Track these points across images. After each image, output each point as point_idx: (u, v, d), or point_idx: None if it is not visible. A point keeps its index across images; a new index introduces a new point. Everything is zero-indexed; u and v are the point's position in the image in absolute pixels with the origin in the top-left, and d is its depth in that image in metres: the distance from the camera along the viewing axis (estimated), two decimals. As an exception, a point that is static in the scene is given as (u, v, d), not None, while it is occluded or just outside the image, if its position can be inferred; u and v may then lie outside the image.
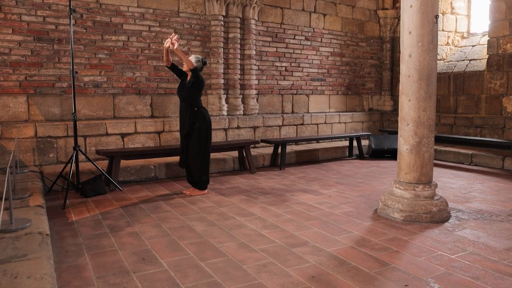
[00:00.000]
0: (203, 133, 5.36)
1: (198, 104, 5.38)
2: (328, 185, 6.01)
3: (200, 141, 5.36)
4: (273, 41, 8.63)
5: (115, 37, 6.91)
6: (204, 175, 5.48)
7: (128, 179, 6.20)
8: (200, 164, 5.41)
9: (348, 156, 8.64)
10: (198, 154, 5.38)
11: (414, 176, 4.32)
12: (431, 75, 4.22)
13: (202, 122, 5.35)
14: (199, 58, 5.40)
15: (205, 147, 5.41)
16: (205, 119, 5.38)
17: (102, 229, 4.02)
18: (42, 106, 6.42)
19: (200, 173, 5.44)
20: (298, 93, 9.16)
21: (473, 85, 8.66)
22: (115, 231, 3.98)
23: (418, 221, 4.20)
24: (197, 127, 5.33)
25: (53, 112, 6.50)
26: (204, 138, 5.38)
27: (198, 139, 5.35)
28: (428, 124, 4.27)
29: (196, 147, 5.36)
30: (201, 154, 5.40)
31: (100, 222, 4.25)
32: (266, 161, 7.52)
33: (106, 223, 4.21)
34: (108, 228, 4.06)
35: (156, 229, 4.03)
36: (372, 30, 10.27)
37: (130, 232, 3.94)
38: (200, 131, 5.34)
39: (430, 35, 4.16)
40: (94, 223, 4.23)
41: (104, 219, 4.37)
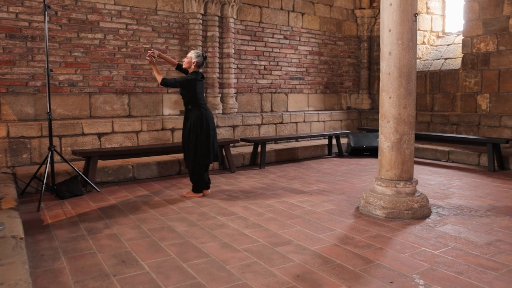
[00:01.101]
0: (193, 132, 5.17)
1: (192, 102, 5.19)
2: (309, 183, 6.00)
3: (190, 140, 5.20)
4: (252, 40, 8.58)
5: (91, 35, 6.75)
6: (195, 176, 5.28)
7: (105, 179, 6.06)
8: (192, 164, 5.25)
9: (327, 154, 8.66)
10: (189, 154, 5.25)
11: (395, 173, 4.34)
12: (411, 73, 4.25)
13: (193, 120, 5.16)
14: (199, 53, 5.21)
15: (195, 146, 5.19)
16: (198, 117, 5.15)
17: (79, 232, 3.90)
18: (14, 105, 6.22)
19: (191, 174, 5.30)
20: (277, 92, 9.14)
21: (448, 84, 8.81)
22: (93, 233, 3.86)
23: (400, 217, 4.21)
24: (189, 126, 5.19)
25: (27, 112, 6.31)
26: (194, 137, 5.17)
27: (188, 138, 5.21)
28: (408, 121, 4.30)
29: (189, 146, 5.23)
30: (192, 153, 5.22)
31: (77, 224, 4.12)
32: (246, 160, 7.47)
33: (83, 225, 4.09)
34: (85, 230, 3.93)
35: (136, 231, 3.93)
36: (350, 29, 10.33)
37: (108, 234, 3.83)
38: (190, 131, 5.18)
39: (409, 33, 4.18)
40: (70, 225, 4.10)
41: (81, 221, 4.24)
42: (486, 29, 8.06)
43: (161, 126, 7.26)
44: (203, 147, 5.16)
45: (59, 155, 5.50)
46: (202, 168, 5.23)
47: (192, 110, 5.18)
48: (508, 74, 7.76)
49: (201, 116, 5.14)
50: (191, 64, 5.15)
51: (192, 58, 5.15)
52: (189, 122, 5.16)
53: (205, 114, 5.18)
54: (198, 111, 5.15)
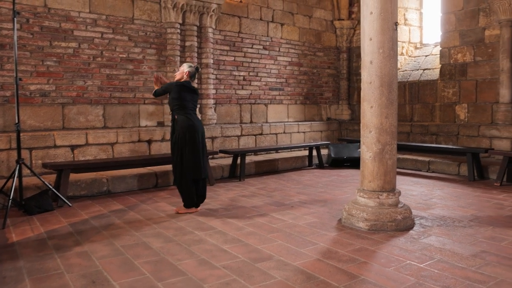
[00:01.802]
0: (178, 144, 4.94)
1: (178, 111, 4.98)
2: (290, 195, 5.86)
3: (175, 153, 4.98)
4: (231, 50, 8.47)
5: (65, 43, 6.54)
6: (183, 192, 5.02)
7: (78, 194, 5.81)
8: (179, 179, 5.01)
9: (308, 165, 8.56)
10: (175, 168, 5.04)
11: (378, 184, 4.24)
12: (392, 82, 4.18)
13: (179, 131, 4.94)
14: (192, 65, 5.15)
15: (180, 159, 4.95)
16: (183, 127, 4.92)
17: (47, 250, 3.66)
18: (-21, 116, 5.95)
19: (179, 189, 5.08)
20: (257, 103, 9.02)
21: (427, 94, 8.85)
22: (62, 251, 3.63)
23: (384, 229, 4.10)
24: (175, 137, 4.99)
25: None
26: (176, 148, 4.95)
27: (173, 151, 5.01)
28: (390, 131, 4.21)
29: (176, 159, 5.00)
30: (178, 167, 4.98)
31: (45, 242, 3.88)
32: (225, 172, 7.30)
33: (51, 243, 3.85)
34: (53, 248, 3.70)
35: (108, 248, 3.72)
36: (329, 40, 10.33)
37: (79, 252, 3.61)
38: (175, 143, 4.97)
39: (390, 41, 4.12)
40: (38, 243, 3.86)
41: (49, 238, 4.00)
42: (463, 40, 8.15)
43: (138, 138, 7.05)
44: (189, 160, 4.91)
45: (28, 168, 5.24)
46: (188, 183, 4.97)
47: (177, 120, 4.95)
48: (485, 85, 7.84)
49: (187, 127, 4.90)
50: (183, 74, 5.03)
51: (185, 68, 5.03)
52: (175, 134, 4.95)
53: (192, 125, 4.92)
54: (184, 121, 4.91)
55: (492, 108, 7.78)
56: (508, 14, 7.25)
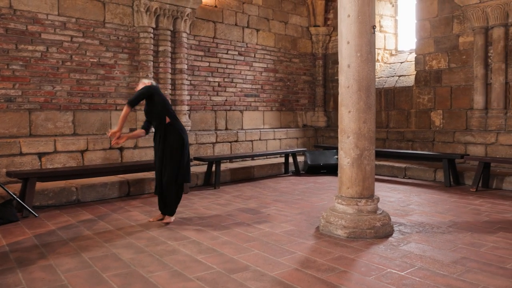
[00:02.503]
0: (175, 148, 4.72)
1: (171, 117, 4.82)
2: (266, 203, 5.73)
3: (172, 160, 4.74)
4: (206, 56, 8.32)
5: (32, 46, 6.27)
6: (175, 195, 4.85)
7: (45, 203, 5.54)
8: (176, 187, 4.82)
9: (284, 172, 8.45)
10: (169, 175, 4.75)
11: (357, 190, 4.15)
12: (370, 86, 4.11)
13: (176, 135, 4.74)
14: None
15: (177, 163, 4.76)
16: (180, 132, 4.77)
17: (8, 264, 3.43)
18: None
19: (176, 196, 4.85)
20: (232, 109, 8.88)
21: (403, 100, 8.89)
22: (24, 265, 3.41)
23: (363, 237, 4.01)
24: (170, 144, 4.73)
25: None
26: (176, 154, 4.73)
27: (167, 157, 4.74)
28: (369, 136, 4.14)
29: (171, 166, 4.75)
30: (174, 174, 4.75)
31: (6, 255, 3.64)
32: (199, 180, 7.12)
33: (13, 256, 3.62)
34: (16, 262, 3.47)
35: (75, 260, 3.51)
36: (305, 46, 10.30)
37: (43, 266, 3.39)
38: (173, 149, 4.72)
39: (368, 45, 4.06)
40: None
41: (12, 251, 3.76)
42: (438, 47, 8.21)
43: (109, 145, 6.80)
44: (187, 164, 4.84)
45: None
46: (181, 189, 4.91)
47: (174, 124, 4.75)
48: (460, 91, 7.91)
49: (184, 131, 4.85)
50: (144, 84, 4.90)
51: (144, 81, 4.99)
52: (172, 139, 4.69)
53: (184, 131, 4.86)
54: (181, 126, 4.84)
55: (466, 114, 7.84)
56: (481, 22, 7.35)
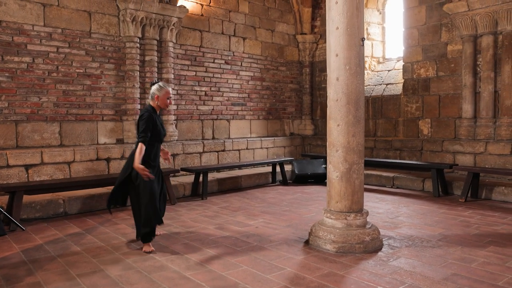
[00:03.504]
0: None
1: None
2: (254, 215, 5.68)
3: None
4: (192, 65, 8.26)
5: (18, 58, 6.17)
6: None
7: (32, 216, 5.46)
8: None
9: (271, 182, 8.40)
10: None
11: (346, 205, 4.12)
12: (359, 99, 4.09)
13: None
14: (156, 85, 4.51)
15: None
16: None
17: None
18: None
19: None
20: (219, 118, 8.82)
21: (391, 109, 8.90)
22: (11, 282, 3.35)
23: (352, 252, 3.98)
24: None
25: None
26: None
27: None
28: (357, 149, 4.12)
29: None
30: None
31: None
32: (187, 190, 7.04)
33: (1, 273, 3.55)
34: (3, 279, 3.41)
35: (63, 277, 3.45)
36: (292, 54, 10.30)
37: (31, 283, 3.33)
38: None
39: (357, 58, 4.04)
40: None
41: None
42: (426, 55, 8.23)
43: (96, 156, 6.71)
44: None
45: (-27, 191, 4.85)
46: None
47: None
48: (448, 100, 7.91)
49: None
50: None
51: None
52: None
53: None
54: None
55: (455, 123, 7.82)
56: (470, 30, 7.36)
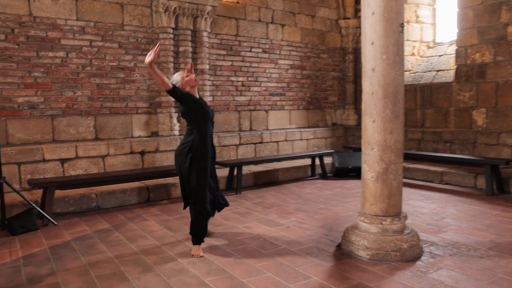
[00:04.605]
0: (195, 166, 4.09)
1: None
2: (287, 212, 5.40)
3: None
4: (228, 55, 8.03)
5: (52, 53, 6.19)
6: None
7: (66, 210, 5.48)
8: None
9: (310, 175, 8.06)
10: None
11: (381, 208, 3.76)
12: (398, 92, 3.69)
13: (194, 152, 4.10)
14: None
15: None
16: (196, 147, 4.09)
17: (18, 280, 3.38)
18: (-31, 132, 5.67)
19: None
20: (257, 109, 8.57)
21: (441, 98, 8.23)
22: (33, 282, 3.33)
23: (387, 260, 3.63)
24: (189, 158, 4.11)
25: (-18, 138, 5.76)
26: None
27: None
28: (395, 148, 3.73)
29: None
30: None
31: (18, 270, 3.60)
32: (221, 184, 6.83)
33: (25, 271, 3.57)
34: (26, 278, 3.41)
35: (82, 279, 3.38)
36: (334, 40, 9.83)
37: (50, 284, 3.30)
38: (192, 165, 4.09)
39: (395, 46, 3.63)
40: (11, 271, 3.59)
41: (25, 265, 3.72)
42: (482, 38, 7.45)
43: (130, 150, 6.66)
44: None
45: (9, 186, 4.89)
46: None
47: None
48: (507, 87, 7.13)
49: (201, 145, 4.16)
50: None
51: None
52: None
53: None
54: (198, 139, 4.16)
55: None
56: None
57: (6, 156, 5.62)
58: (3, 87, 5.87)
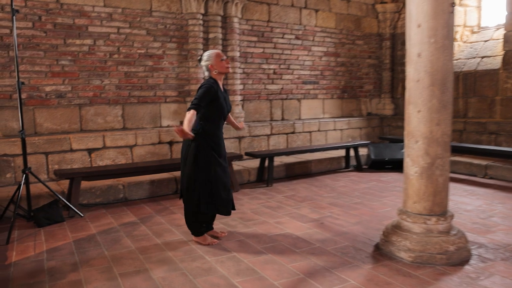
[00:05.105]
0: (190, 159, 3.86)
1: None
2: (321, 207, 5.14)
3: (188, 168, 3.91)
4: (259, 41, 7.75)
5: (79, 41, 6.08)
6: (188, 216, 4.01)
7: (93, 201, 5.40)
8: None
9: (344, 167, 7.73)
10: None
11: (425, 206, 3.45)
12: (447, 79, 3.35)
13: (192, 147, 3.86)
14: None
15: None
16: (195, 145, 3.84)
17: (41, 276, 3.26)
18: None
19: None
20: (289, 98, 8.28)
21: (486, 86, 7.69)
22: (55, 278, 3.20)
23: (431, 263, 3.32)
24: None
25: (12, 127, 5.73)
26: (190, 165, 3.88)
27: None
28: (442, 141, 3.40)
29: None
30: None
31: (41, 265, 3.48)
32: (251, 176, 6.65)
33: (48, 266, 3.45)
34: (48, 275, 3.28)
35: (104, 276, 3.23)
36: (370, 26, 9.39)
37: (72, 281, 3.15)
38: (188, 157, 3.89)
39: (445, 28, 3.28)
40: (34, 265, 3.48)
41: (48, 259, 3.60)
42: (535, 20, 6.85)
43: (158, 140, 6.52)
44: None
45: (35, 177, 4.82)
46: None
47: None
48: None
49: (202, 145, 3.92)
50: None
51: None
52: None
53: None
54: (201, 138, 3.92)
55: None
56: None
57: (34, 145, 5.58)
58: (30, 76, 5.81)
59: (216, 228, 4.31)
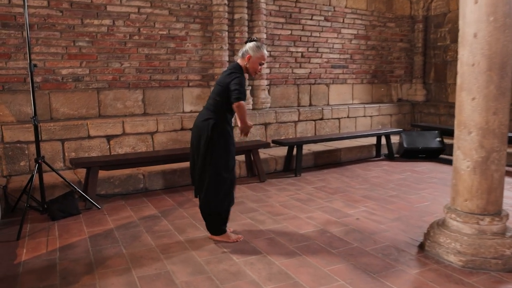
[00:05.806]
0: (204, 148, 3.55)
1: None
2: (354, 200, 4.81)
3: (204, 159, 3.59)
4: (287, 23, 7.37)
5: (97, 21, 5.79)
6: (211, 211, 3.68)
7: (111, 191, 5.13)
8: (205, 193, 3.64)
9: (375, 156, 7.36)
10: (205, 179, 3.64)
11: (478, 205, 3.09)
12: (506, 63, 2.96)
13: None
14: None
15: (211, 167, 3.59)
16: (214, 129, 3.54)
17: (52, 279, 2.97)
18: (12, 105, 5.38)
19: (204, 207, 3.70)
20: (317, 83, 7.91)
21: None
22: (67, 282, 2.91)
23: (485, 269, 2.98)
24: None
25: (26, 112, 5.46)
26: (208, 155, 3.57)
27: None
28: (499, 132, 3.02)
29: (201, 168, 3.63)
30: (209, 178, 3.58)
31: (53, 265, 3.20)
32: (278, 165, 6.34)
33: (60, 267, 3.16)
34: (60, 277, 2.99)
35: (122, 280, 2.94)
36: (402, 8, 8.90)
37: (85, 285, 2.87)
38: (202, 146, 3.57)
39: (507, 4, 2.88)
40: (45, 265, 3.20)
41: (61, 258, 3.31)
42: None
43: (180, 126, 6.25)
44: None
45: (49, 166, 4.56)
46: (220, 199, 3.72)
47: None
48: None
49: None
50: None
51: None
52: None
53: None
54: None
55: None
56: None
57: (49, 132, 5.35)
58: (46, 58, 5.55)
59: (242, 224, 4.02)
